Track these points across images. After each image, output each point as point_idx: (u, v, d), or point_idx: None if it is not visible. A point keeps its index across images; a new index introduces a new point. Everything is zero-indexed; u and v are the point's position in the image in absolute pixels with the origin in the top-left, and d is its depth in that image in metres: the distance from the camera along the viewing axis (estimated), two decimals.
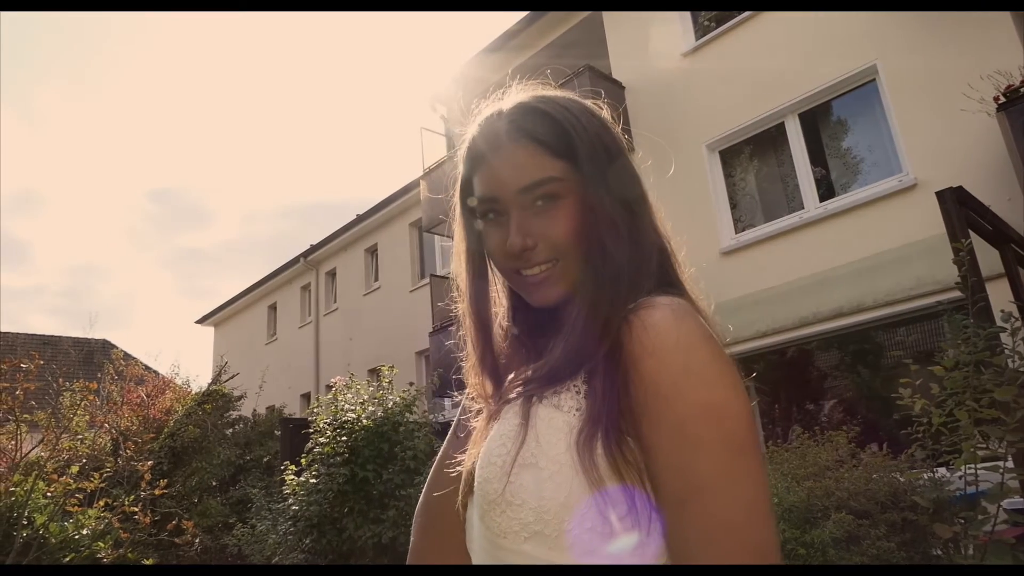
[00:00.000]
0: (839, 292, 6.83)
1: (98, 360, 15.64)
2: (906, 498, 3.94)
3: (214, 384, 9.72)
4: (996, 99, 5.72)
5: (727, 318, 0.78)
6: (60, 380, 7.95)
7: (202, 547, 7.27)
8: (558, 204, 0.74)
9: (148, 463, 5.91)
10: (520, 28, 10.67)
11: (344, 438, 5.80)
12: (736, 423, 0.61)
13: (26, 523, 4.65)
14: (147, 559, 5.41)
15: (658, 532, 0.62)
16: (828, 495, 4.16)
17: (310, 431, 6.21)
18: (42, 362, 5.27)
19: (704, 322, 0.68)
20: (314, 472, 5.84)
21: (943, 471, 3.56)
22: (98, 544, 4.83)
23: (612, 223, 0.73)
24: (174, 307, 53.66)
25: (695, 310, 0.70)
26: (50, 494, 4.96)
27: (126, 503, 5.05)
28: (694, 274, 0.81)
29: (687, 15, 8.99)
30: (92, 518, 4.96)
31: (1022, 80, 5.64)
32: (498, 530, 0.67)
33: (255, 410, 11.61)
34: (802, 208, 7.59)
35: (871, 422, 6.19)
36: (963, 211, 3.60)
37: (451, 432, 0.88)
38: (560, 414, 0.68)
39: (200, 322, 22.47)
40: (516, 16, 10.65)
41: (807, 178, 7.61)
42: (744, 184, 8.42)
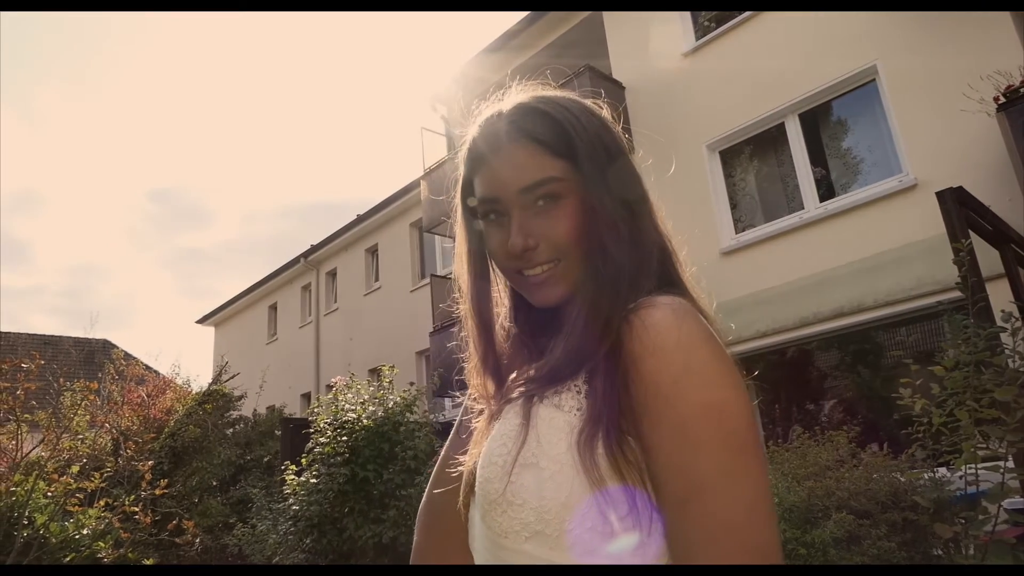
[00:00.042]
0: (839, 292, 6.83)
1: (99, 360, 15.65)
2: (907, 498, 3.94)
3: (214, 384, 9.72)
4: (996, 99, 5.72)
5: (727, 318, 0.78)
6: (61, 380, 7.97)
7: (203, 547, 7.27)
8: (559, 204, 0.74)
9: (149, 463, 5.91)
10: (520, 28, 10.66)
11: (345, 438, 5.80)
12: (737, 422, 0.61)
13: (27, 523, 4.65)
14: (148, 559, 5.41)
15: (659, 532, 0.62)
16: (829, 495, 4.17)
17: (310, 431, 6.21)
18: (43, 362, 5.28)
19: (705, 321, 0.68)
20: (315, 472, 5.84)
21: (943, 471, 3.56)
22: (98, 544, 4.83)
23: (612, 223, 0.74)
24: (174, 307, 53.72)
25: (696, 309, 0.70)
26: (51, 494, 4.96)
27: (127, 503, 5.05)
28: (695, 273, 0.81)
29: (687, 15, 8.99)
30: (92, 518, 4.96)
31: (1022, 80, 5.63)
32: (499, 530, 0.67)
33: (255, 410, 11.61)
34: (802, 208, 7.59)
35: (871, 422, 6.19)
36: (963, 211, 3.60)
37: (453, 432, 0.88)
38: (561, 414, 0.68)
39: (200, 322, 22.47)
40: (516, 16, 10.65)
41: (807, 178, 7.61)
42: (744, 184, 8.42)
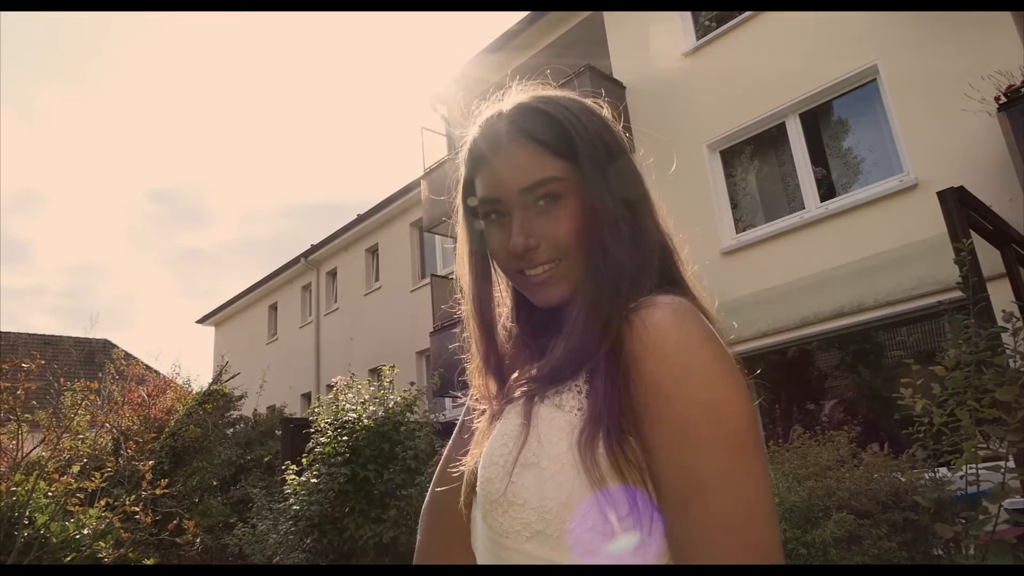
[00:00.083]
0: (840, 292, 6.83)
1: (99, 360, 15.66)
2: (907, 498, 3.93)
3: (215, 384, 9.73)
4: (997, 99, 5.72)
5: (728, 318, 0.77)
6: (61, 380, 7.98)
7: (203, 547, 7.28)
8: (560, 204, 0.74)
9: (149, 463, 5.92)
10: (521, 28, 10.66)
11: (345, 438, 5.81)
12: (737, 422, 0.61)
13: (27, 523, 4.66)
14: (148, 559, 5.41)
15: (659, 532, 0.62)
16: (829, 495, 4.17)
17: (311, 431, 6.21)
18: (43, 362, 5.28)
19: (706, 321, 0.68)
20: (315, 472, 5.84)
21: (944, 471, 3.57)
22: (99, 544, 4.83)
23: (613, 222, 0.73)
24: (174, 307, 53.72)
25: (697, 309, 0.69)
26: (51, 494, 4.96)
27: (127, 503, 5.05)
28: (697, 272, 0.81)
29: (688, 15, 8.99)
30: (93, 518, 4.96)
31: (1023, 80, 5.63)
32: (500, 530, 0.67)
33: (256, 410, 11.62)
34: (803, 208, 7.59)
35: (872, 422, 6.18)
36: (964, 211, 3.60)
37: (456, 432, 0.88)
38: (562, 414, 0.68)
39: (201, 322, 22.47)
40: (517, 16, 10.65)
41: (808, 178, 7.61)
42: (745, 184, 8.42)
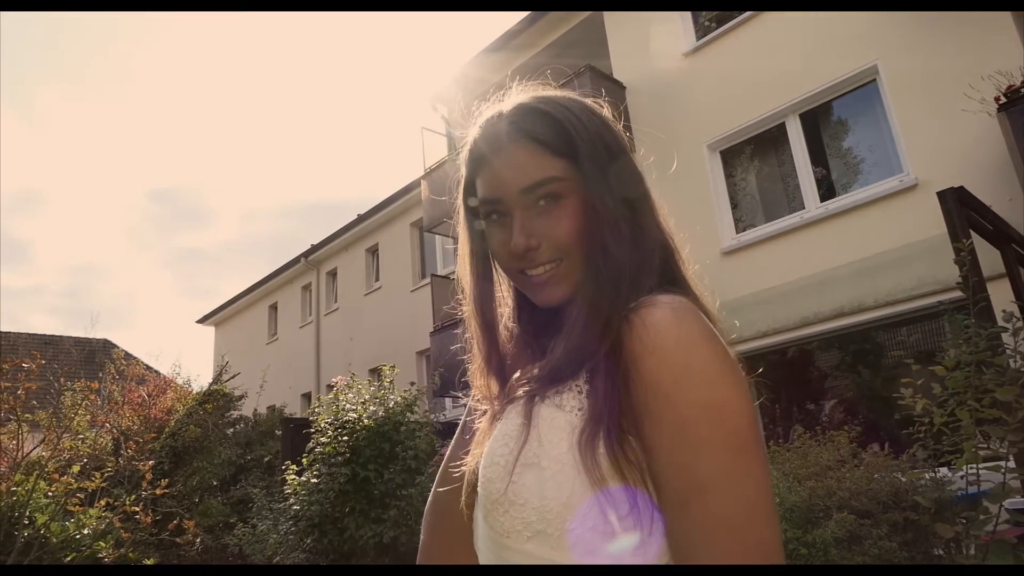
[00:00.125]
0: (840, 292, 6.83)
1: (99, 360, 15.66)
2: (908, 498, 3.93)
3: (215, 384, 9.73)
4: (997, 99, 5.72)
5: (728, 318, 0.77)
6: (61, 380, 7.98)
7: (203, 547, 7.28)
8: (560, 204, 0.74)
9: (149, 463, 5.92)
10: (521, 28, 10.67)
11: (345, 438, 5.80)
12: (738, 422, 0.61)
13: (27, 523, 4.66)
14: (148, 559, 5.41)
15: (660, 532, 0.62)
16: (830, 495, 4.17)
17: (311, 431, 6.21)
18: (43, 362, 5.28)
19: (707, 320, 0.68)
20: (315, 472, 5.84)
21: (945, 471, 3.56)
22: (99, 544, 4.83)
23: (613, 222, 0.74)
24: (175, 307, 53.72)
25: (698, 308, 0.69)
26: (51, 494, 4.96)
27: (127, 503, 5.05)
28: (698, 271, 0.81)
29: (688, 15, 8.99)
30: (93, 518, 4.96)
31: (1023, 80, 5.63)
32: (501, 529, 0.67)
33: (256, 410, 11.62)
34: (803, 208, 7.59)
35: (872, 422, 6.19)
36: (964, 211, 3.61)
37: (458, 432, 0.88)
38: (562, 414, 0.68)
39: (201, 322, 22.48)
40: (517, 16, 10.65)
41: (808, 178, 7.61)
42: (745, 184, 8.42)
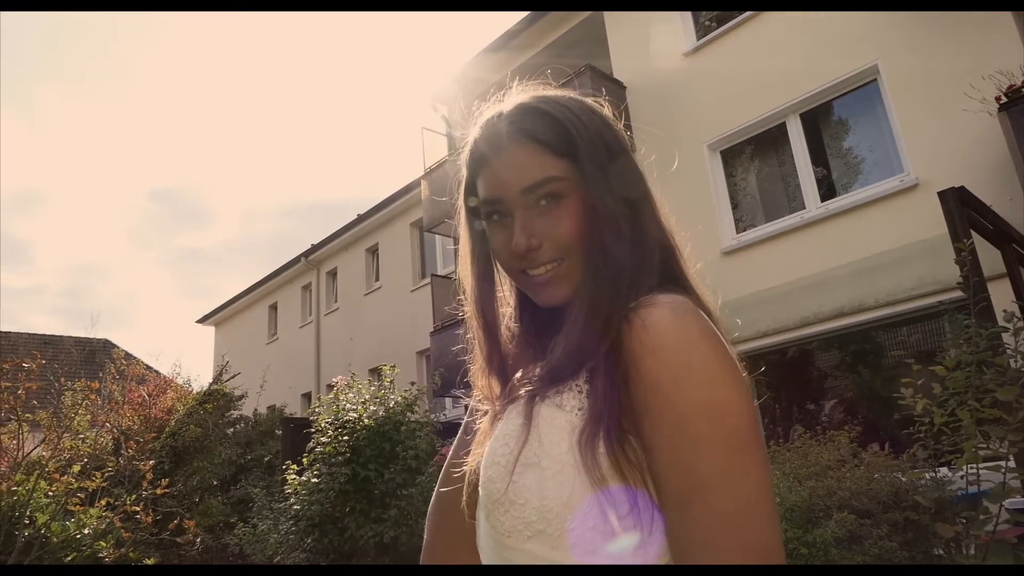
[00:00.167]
0: (840, 292, 6.83)
1: (99, 360, 15.69)
2: (908, 498, 3.93)
3: (215, 384, 9.73)
4: (997, 99, 5.72)
5: (728, 318, 0.77)
6: (62, 380, 7.99)
7: (203, 546, 7.28)
8: (561, 203, 0.74)
9: (150, 462, 5.92)
10: (521, 28, 10.67)
11: (346, 437, 5.80)
12: (737, 421, 0.61)
13: (28, 522, 4.66)
14: (148, 558, 5.42)
15: (660, 531, 0.62)
16: (830, 495, 4.17)
17: (311, 430, 6.21)
18: (44, 361, 5.29)
19: (707, 319, 0.67)
20: (316, 471, 5.84)
21: (945, 471, 3.56)
22: (100, 543, 4.83)
23: (613, 221, 0.74)
24: (175, 307, 53.61)
25: (699, 307, 0.69)
26: (52, 493, 4.97)
27: (128, 502, 5.06)
28: (700, 269, 0.81)
29: (688, 15, 8.99)
30: (94, 517, 4.97)
31: (1023, 80, 5.63)
32: (502, 529, 0.68)
33: (256, 409, 11.62)
34: (803, 208, 7.59)
35: (872, 422, 6.19)
36: (965, 211, 3.61)
37: (460, 432, 0.89)
38: (562, 413, 0.68)
39: (201, 322, 22.48)
40: (517, 16, 10.65)
41: (808, 178, 7.61)
42: (745, 184, 8.42)
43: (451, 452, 0.87)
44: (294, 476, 5.99)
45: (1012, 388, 2.24)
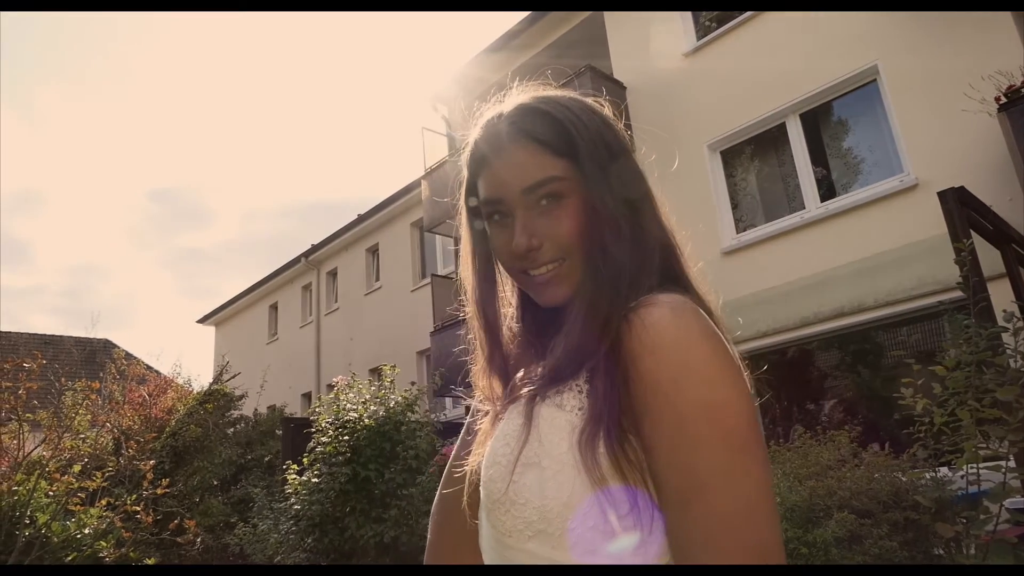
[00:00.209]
0: (840, 292, 6.83)
1: (100, 360, 15.67)
2: (908, 497, 3.93)
3: (215, 383, 9.72)
4: (997, 99, 5.72)
5: (728, 318, 0.78)
6: (62, 379, 7.99)
7: (204, 546, 7.27)
8: (562, 203, 0.74)
9: (150, 462, 5.93)
10: (521, 28, 10.67)
11: (346, 437, 5.81)
12: (737, 421, 0.61)
13: (28, 522, 4.66)
14: (149, 558, 5.41)
15: (660, 531, 0.62)
16: (830, 494, 4.16)
17: (312, 430, 6.21)
18: (44, 361, 5.29)
19: (708, 319, 0.67)
20: (316, 471, 5.84)
21: (945, 471, 3.56)
22: (100, 543, 4.84)
23: (614, 221, 0.74)
24: (175, 307, 53.63)
25: (699, 306, 0.69)
26: (52, 493, 4.97)
27: (128, 502, 5.06)
28: (701, 269, 0.81)
29: (688, 15, 8.99)
30: (94, 517, 4.97)
31: (1023, 80, 5.63)
32: (503, 529, 0.68)
33: (256, 409, 11.63)
34: (803, 208, 7.59)
35: (872, 422, 6.19)
36: (964, 211, 3.61)
37: (463, 432, 0.89)
38: (562, 413, 0.68)
39: (201, 322, 22.48)
40: (517, 16, 10.65)
41: (808, 178, 7.61)
42: (745, 184, 8.42)
43: (453, 453, 0.87)
44: (294, 476, 5.99)
45: (1012, 388, 2.24)
